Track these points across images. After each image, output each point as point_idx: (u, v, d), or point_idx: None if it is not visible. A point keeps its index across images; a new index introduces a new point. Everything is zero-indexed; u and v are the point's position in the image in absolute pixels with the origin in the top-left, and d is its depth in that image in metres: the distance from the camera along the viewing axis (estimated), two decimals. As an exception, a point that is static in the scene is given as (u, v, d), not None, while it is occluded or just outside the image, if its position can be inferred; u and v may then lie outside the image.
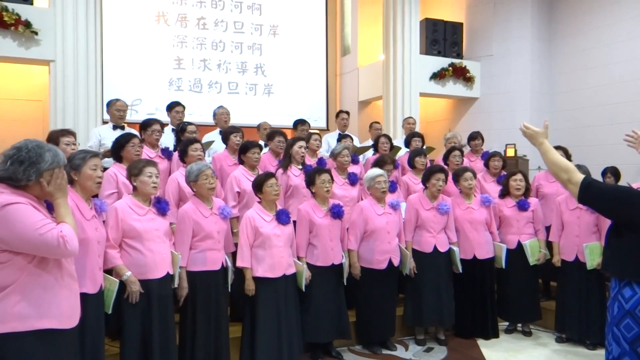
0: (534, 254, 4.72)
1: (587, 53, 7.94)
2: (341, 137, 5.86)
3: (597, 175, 5.23)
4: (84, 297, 2.40)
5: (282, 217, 3.82)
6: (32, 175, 2.05)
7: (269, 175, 3.85)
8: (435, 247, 4.49)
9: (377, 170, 4.39)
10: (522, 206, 4.75)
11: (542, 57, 8.54)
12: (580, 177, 2.31)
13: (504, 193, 4.87)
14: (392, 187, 4.88)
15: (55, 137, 3.75)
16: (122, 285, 3.13)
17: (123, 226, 3.16)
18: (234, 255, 3.83)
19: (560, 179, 2.36)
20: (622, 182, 5.34)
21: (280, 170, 4.59)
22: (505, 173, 5.41)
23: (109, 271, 3.15)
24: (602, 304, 4.29)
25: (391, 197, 4.51)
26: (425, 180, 4.58)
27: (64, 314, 2.14)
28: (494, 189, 5.27)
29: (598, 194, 2.28)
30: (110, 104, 5.14)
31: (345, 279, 4.22)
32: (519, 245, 4.73)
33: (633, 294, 2.16)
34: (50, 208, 2.24)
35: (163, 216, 3.36)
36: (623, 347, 2.17)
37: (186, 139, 4.55)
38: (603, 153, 7.09)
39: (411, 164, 5.27)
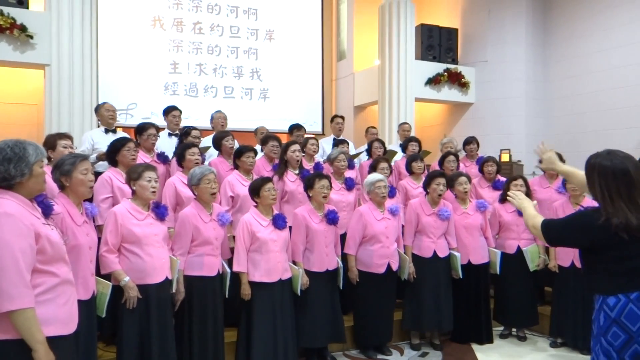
0: (534, 259, 4.72)
1: (582, 59, 8.00)
2: (337, 142, 5.87)
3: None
4: (76, 303, 2.39)
5: (279, 222, 3.82)
6: (25, 169, 2.05)
7: (266, 179, 3.86)
8: (435, 253, 4.49)
9: (377, 176, 4.41)
10: (522, 212, 4.75)
11: (536, 63, 8.59)
12: (539, 220, 2.36)
13: (505, 198, 4.87)
14: (392, 193, 4.89)
15: (52, 140, 3.72)
16: (119, 290, 3.12)
17: (122, 231, 3.15)
18: (229, 262, 3.82)
19: (530, 229, 2.46)
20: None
21: (276, 177, 4.58)
22: (500, 178, 5.43)
23: (106, 275, 3.13)
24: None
25: (390, 203, 4.52)
26: (426, 186, 4.59)
27: (61, 320, 2.13)
28: (489, 194, 5.29)
29: (557, 230, 2.33)
30: (98, 108, 5.08)
31: (340, 283, 4.22)
32: (518, 250, 4.74)
33: (617, 302, 2.16)
34: (43, 207, 2.23)
35: (162, 221, 3.35)
36: (612, 357, 2.16)
37: (184, 144, 4.55)
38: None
39: (408, 169, 5.29)
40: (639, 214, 2.12)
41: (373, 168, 4.89)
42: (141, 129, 4.62)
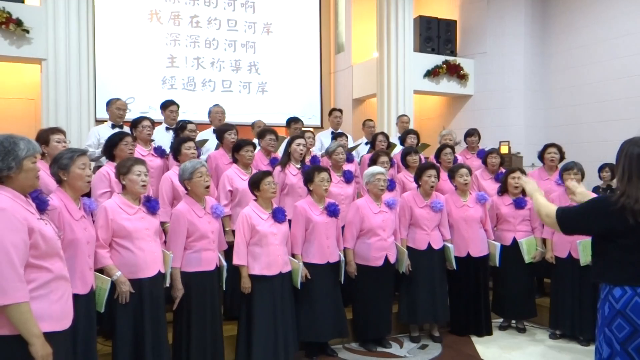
0: (530, 251, 4.72)
1: (581, 50, 7.97)
2: (336, 136, 5.85)
3: (591, 172, 5.26)
4: (74, 298, 2.38)
5: (279, 215, 3.81)
6: (12, 163, 2.04)
7: (266, 173, 3.85)
8: (429, 245, 4.50)
9: (377, 168, 4.40)
10: (519, 204, 4.76)
11: (535, 54, 8.56)
12: (553, 209, 2.35)
13: (503, 190, 4.87)
14: (391, 186, 4.88)
15: (45, 135, 3.67)
16: (114, 286, 3.11)
17: (113, 226, 3.13)
18: (225, 254, 3.82)
19: (542, 219, 2.45)
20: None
21: (278, 168, 4.58)
22: (503, 170, 5.42)
23: (100, 271, 3.12)
24: (595, 300, 4.25)
25: (389, 196, 4.51)
26: (417, 178, 4.59)
27: (54, 316, 2.13)
28: (491, 186, 5.28)
29: (572, 217, 2.32)
30: (110, 103, 5.13)
31: (342, 277, 4.22)
32: (515, 243, 4.74)
33: (623, 294, 2.16)
34: (38, 202, 2.22)
35: (153, 215, 3.32)
36: (614, 347, 2.16)
37: (179, 138, 4.54)
38: (597, 150, 7.10)
39: (404, 162, 5.28)
40: None
41: (373, 161, 4.88)
42: (135, 122, 4.65)
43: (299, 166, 4.69)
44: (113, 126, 5.01)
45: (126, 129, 5.00)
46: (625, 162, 2.19)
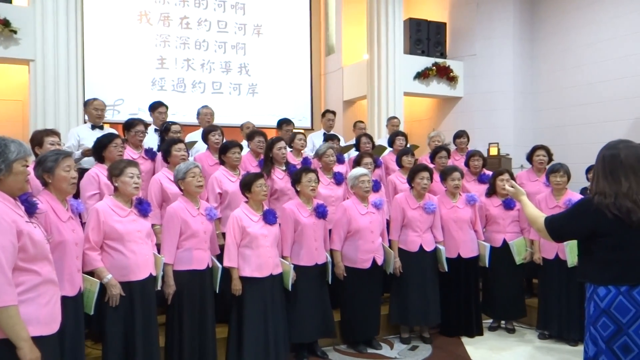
0: (520, 252, 4.75)
1: (569, 53, 8.05)
2: (328, 137, 5.84)
3: (578, 174, 5.30)
4: (62, 300, 2.37)
5: (269, 217, 3.81)
6: (2, 165, 2.03)
7: (258, 175, 3.85)
8: (421, 247, 4.51)
9: (360, 170, 4.39)
10: (508, 205, 4.79)
11: (524, 57, 8.63)
12: (541, 221, 2.46)
13: (491, 192, 4.90)
14: (376, 187, 4.89)
15: (39, 137, 3.65)
16: (104, 288, 3.09)
17: (104, 228, 3.11)
18: (218, 258, 3.81)
19: (536, 230, 2.57)
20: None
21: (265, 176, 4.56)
22: (485, 171, 5.46)
23: (90, 273, 3.10)
24: (583, 301, 4.29)
25: (375, 197, 4.52)
26: (410, 180, 4.60)
27: (42, 321, 2.12)
28: (474, 187, 5.32)
29: (559, 223, 2.41)
30: (87, 104, 5.01)
31: (329, 278, 4.22)
32: (504, 244, 4.77)
33: (607, 293, 2.21)
34: (27, 205, 2.20)
35: (145, 217, 3.31)
36: (600, 346, 2.21)
37: (169, 139, 4.51)
38: (584, 151, 7.16)
39: (399, 163, 5.29)
40: (618, 193, 2.21)
41: (357, 163, 4.88)
42: (129, 125, 4.59)
43: (283, 168, 4.68)
44: (93, 127, 4.91)
45: (107, 129, 4.94)
46: (597, 165, 2.35)
